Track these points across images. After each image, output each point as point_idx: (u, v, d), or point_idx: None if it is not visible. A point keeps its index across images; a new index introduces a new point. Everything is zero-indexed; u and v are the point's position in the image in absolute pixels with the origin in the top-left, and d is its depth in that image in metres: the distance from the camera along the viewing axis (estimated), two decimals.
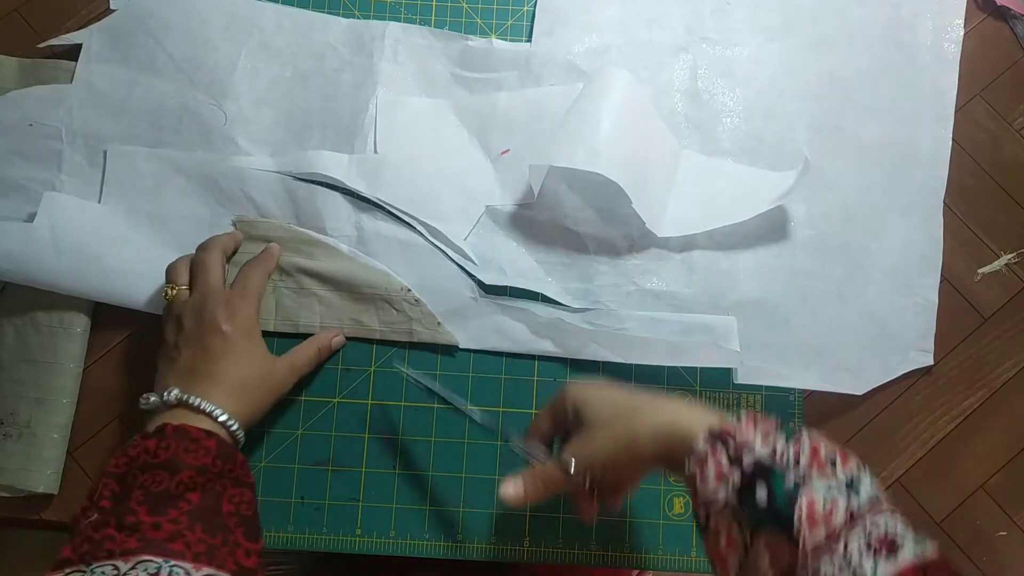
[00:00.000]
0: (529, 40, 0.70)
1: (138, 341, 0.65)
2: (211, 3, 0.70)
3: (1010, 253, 0.68)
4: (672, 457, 0.47)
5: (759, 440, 0.44)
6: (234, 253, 0.65)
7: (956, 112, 0.69)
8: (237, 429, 0.56)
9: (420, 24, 0.71)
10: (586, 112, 0.63)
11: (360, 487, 0.64)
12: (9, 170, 0.67)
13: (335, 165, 0.67)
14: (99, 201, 0.67)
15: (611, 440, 0.49)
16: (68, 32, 0.70)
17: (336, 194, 0.67)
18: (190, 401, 0.55)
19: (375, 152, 0.68)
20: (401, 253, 0.66)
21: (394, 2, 0.71)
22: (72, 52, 0.69)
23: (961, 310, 0.67)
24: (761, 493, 0.42)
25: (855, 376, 0.65)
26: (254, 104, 0.69)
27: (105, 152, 0.67)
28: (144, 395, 0.56)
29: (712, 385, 0.65)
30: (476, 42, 0.70)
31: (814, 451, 0.43)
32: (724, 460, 0.44)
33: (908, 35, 0.70)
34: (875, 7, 0.71)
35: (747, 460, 0.43)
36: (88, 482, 0.64)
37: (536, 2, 0.71)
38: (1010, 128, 0.70)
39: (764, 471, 0.43)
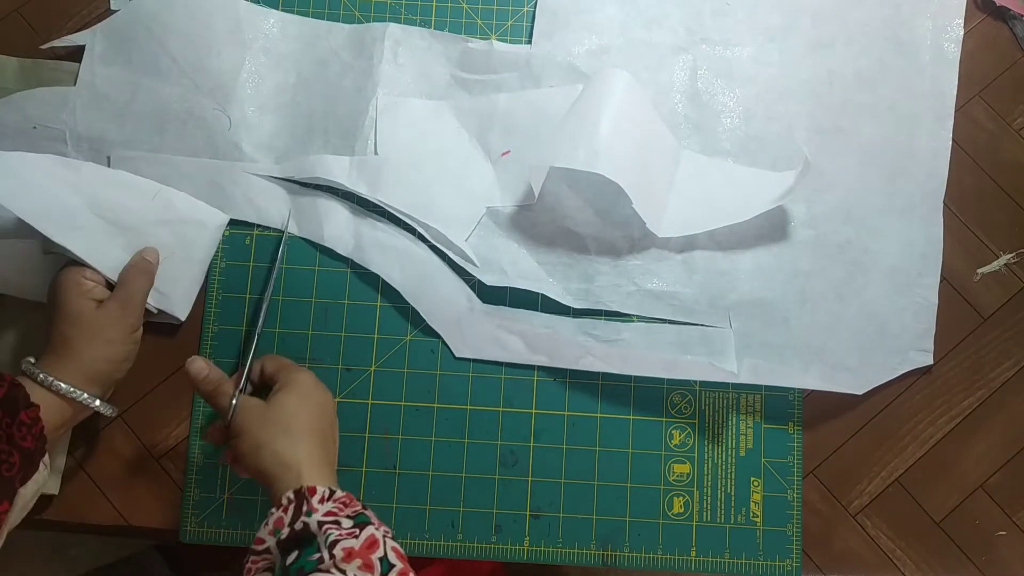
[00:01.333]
0: (529, 41, 0.70)
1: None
2: (215, 7, 0.70)
3: (1009, 253, 0.68)
4: (271, 487, 0.53)
5: (321, 512, 0.49)
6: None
7: (956, 112, 0.69)
8: (67, 389, 0.55)
9: (420, 25, 0.71)
10: (586, 113, 0.64)
11: (360, 487, 0.64)
12: None
13: (337, 168, 0.67)
14: None
15: (254, 440, 0.54)
16: (68, 32, 0.70)
17: (336, 203, 0.67)
18: (26, 369, 0.56)
19: (376, 154, 0.68)
20: (398, 262, 0.66)
21: (394, 3, 0.71)
22: (74, 53, 0.69)
23: (960, 310, 0.67)
24: (291, 558, 0.47)
25: (855, 376, 0.65)
26: (258, 110, 0.69)
27: (109, 157, 0.67)
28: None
29: (712, 385, 0.66)
30: (476, 44, 0.70)
31: (369, 545, 0.47)
32: (287, 516, 0.49)
33: (908, 35, 0.70)
34: (875, 7, 0.71)
35: (299, 524, 0.48)
36: (88, 482, 0.64)
37: (536, 3, 0.71)
38: (1010, 128, 0.70)
39: (305, 539, 0.48)
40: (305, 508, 0.49)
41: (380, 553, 0.48)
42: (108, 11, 0.71)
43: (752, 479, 0.64)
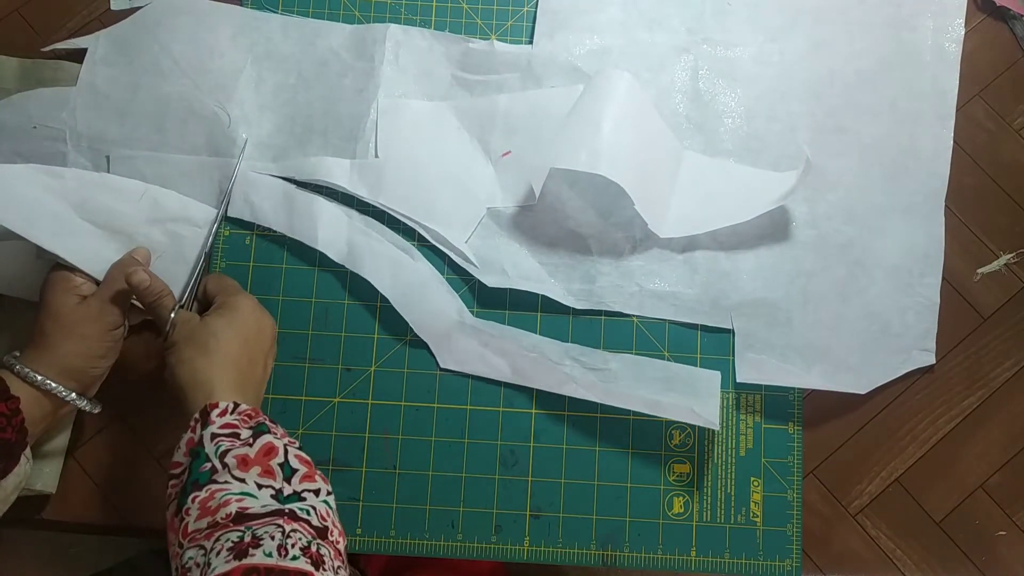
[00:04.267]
0: (529, 41, 0.70)
1: (137, 341, 0.65)
2: (220, 13, 0.70)
3: (1009, 253, 0.68)
4: (184, 406, 0.53)
5: (218, 424, 0.49)
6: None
7: (956, 112, 0.69)
8: (43, 382, 0.55)
9: (420, 25, 0.71)
10: (588, 114, 0.63)
11: (360, 487, 0.64)
12: None
13: (338, 171, 0.67)
14: None
15: (177, 355, 0.55)
16: (69, 31, 0.70)
17: (333, 208, 0.67)
18: (5, 362, 0.56)
19: (376, 156, 0.68)
20: (389, 271, 0.65)
21: (394, 3, 0.71)
22: (74, 53, 0.69)
23: (960, 310, 0.67)
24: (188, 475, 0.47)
25: (857, 375, 0.65)
26: (257, 110, 0.69)
27: (108, 157, 0.67)
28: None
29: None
30: (477, 44, 0.70)
31: (267, 452, 0.48)
32: (195, 435, 0.49)
33: (909, 35, 0.70)
34: (876, 7, 0.71)
35: (194, 436, 0.49)
36: (88, 482, 0.64)
37: (537, 3, 0.71)
38: (1010, 128, 0.70)
39: (195, 452, 0.48)
40: (206, 423, 0.49)
41: (280, 459, 0.48)
42: (108, 11, 0.71)
43: (752, 479, 0.64)
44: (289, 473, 0.47)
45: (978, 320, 0.67)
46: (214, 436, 0.49)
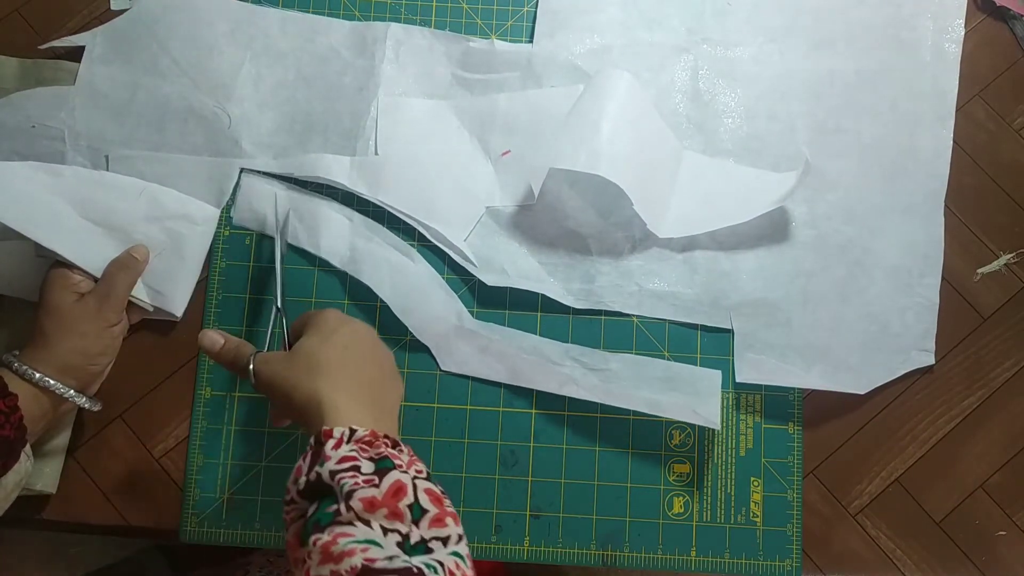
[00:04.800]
0: (530, 41, 0.70)
1: (137, 341, 0.65)
2: (216, 8, 0.70)
3: (1009, 253, 0.68)
4: (306, 425, 0.50)
5: (336, 458, 0.45)
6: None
7: (956, 112, 0.69)
8: (41, 379, 0.55)
9: (420, 25, 0.71)
10: (587, 114, 0.64)
11: None
12: None
13: (337, 168, 0.67)
14: None
15: (280, 390, 0.51)
16: (69, 31, 0.70)
17: (336, 215, 0.67)
18: (4, 359, 0.56)
19: (376, 154, 0.68)
20: (389, 277, 0.65)
21: (394, 3, 0.71)
22: (73, 53, 0.69)
23: (960, 310, 0.67)
24: (311, 509, 0.44)
25: (857, 376, 0.65)
26: (257, 107, 0.69)
27: (107, 156, 0.67)
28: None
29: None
30: (478, 43, 0.70)
31: (395, 492, 0.44)
32: (305, 464, 0.46)
33: (909, 35, 0.70)
34: (876, 7, 0.71)
35: (313, 474, 0.45)
36: (88, 482, 0.64)
37: (537, 3, 0.71)
38: (1010, 128, 0.70)
39: (324, 489, 0.45)
40: (321, 458, 0.45)
41: (408, 499, 0.44)
42: (108, 11, 0.71)
43: (752, 479, 0.64)
44: (418, 515, 0.43)
45: (978, 320, 0.67)
46: (335, 474, 0.44)
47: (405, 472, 0.45)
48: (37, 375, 0.56)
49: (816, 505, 0.65)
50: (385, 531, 0.42)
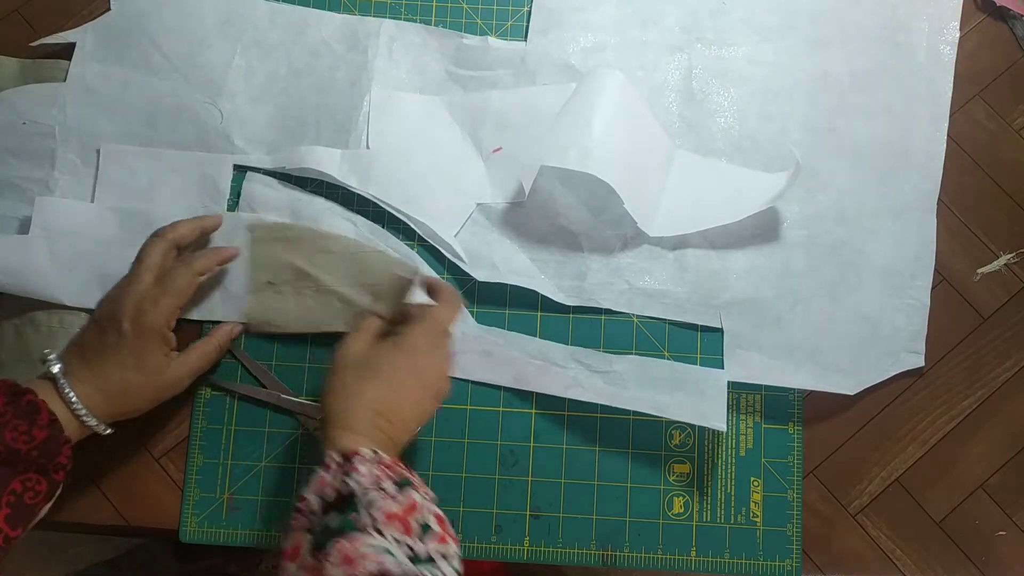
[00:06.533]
0: (526, 39, 0.70)
1: None
2: (205, 1, 0.70)
3: (1009, 253, 0.68)
4: (325, 434, 0.52)
5: (363, 473, 0.48)
6: (200, 241, 0.64)
7: (956, 112, 0.69)
8: (97, 425, 0.55)
9: (419, 23, 0.71)
10: (579, 112, 0.63)
11: None
12: (4, 170, 0.67)
13: (327, 160, 0.67)
14: (92, 200, 0.67)
15: (332, 378, 0.54)
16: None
17: (338, 219, 0.66)
18: (60, 384, 0.54)
19: (368, 148, 0.68)
20: None
21: (394, 2, 0.71)
22: (71, 51, 0.69)
23: (960, 310, 0.67)
24: (332, 519, 0.47)
25: (846, 376, 0.65)
26: (250, 102, 0.69)
27: (98, 151, 0.67)
28: (48, 350, 0.56)
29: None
30: (471, 40, 0.70)
31: (409, 508, 0.48)
32: (329, 476, 0.49)
33: (904, 37, 0.70)
34: (871, 8, 0.71)
35: (342, 485, 0.48)
36: (89, 482, 0.64)
37: (533, 1, 0.71)
38: (1009, 128, 0.70)
39: (347, 501, 0.47)
40: (348, 471, 0.48)
41: (420, 517, 0.48)
42: (108, 11, 0.71)
43: (752, 479, 0.64)
44: (424, 531, 0.47)
45: (978, 320, 0.67)
46: (361, 486, 0.48)
47: (421, 496, 0.49)
48: (102, 427, 0.56)
49: (816, 505, 0.65)
50: (397, 542, 0.46)
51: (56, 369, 0.55)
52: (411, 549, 0.46)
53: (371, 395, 0.53)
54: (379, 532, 0.46)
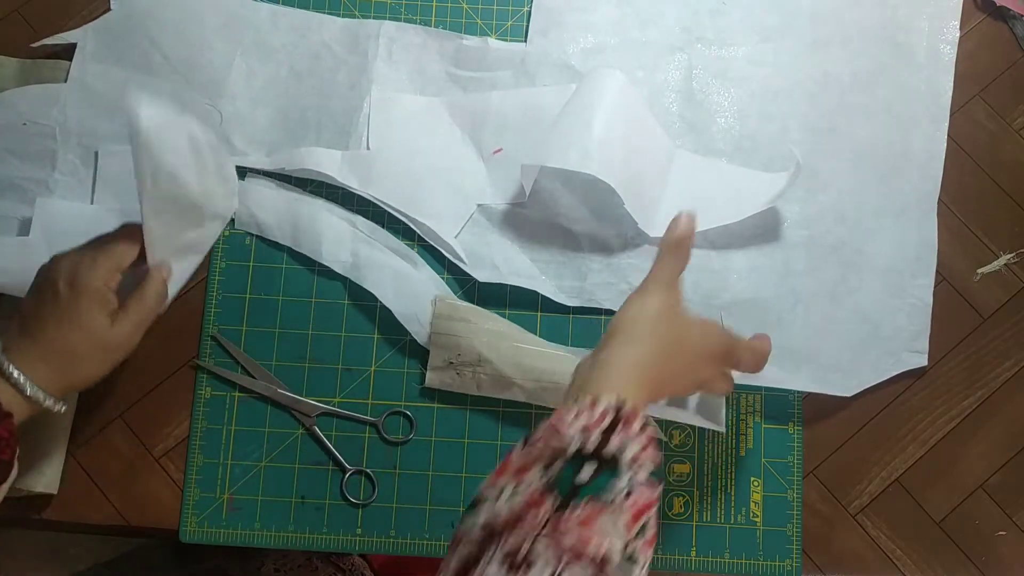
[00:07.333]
0: (526, 40, 0.70)
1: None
2: (206, 3, 0.70)
3: (1009, 253, 0.68)
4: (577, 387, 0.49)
5: (636, 444, 0.45)
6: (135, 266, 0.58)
7: (956, 112, 0.69)
8: (45, 398, 0.53)
9: (419, 24, 0.71)
10: (579, 113, 0.63)
11: (360, 487, 0.64)
12: (4, 170, 0.67)
13: (328, 161, 0.67)
14: (91, 202, 0.67)
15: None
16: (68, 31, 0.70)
17: (337, 219, 0.67)
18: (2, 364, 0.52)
19: (368, 149, 0.68)
20: (393, 283, 0.65)
21: (394, 3, 0.71)
22: (71, 51, 0.69)
23: (960, 310, 0.67)
24: (585, 473, 0.43)
25: (847, 377, 0.65)
26: (250, 104, 0.69)
27: (96, 152, 0.67)
28: None
29: None
30: (471, 41, 0.70)
31: (648, 504, 0.44)
32: (597, 421, 0.45)
33: (904, 37, 0.70)
34: (871, 9, 0.71)
35: (611, 444, 0.44)
36: (88, 482, 0.64)
37: (533, 2, 0.71)
38: (1010, 128, 0.70)
39: (606, 462, 0.44)
40: (621, 432, 0.45)
41: (648, 516, 0.44)
42: (108, 11, 0.71)
43: (752, 479, 0.64)
44: (640, 533, 0.44)
45: (978, 320, 0.67)
46: (633, 462, 0.44)
47: (657, 493, 0.45)
48: (51, 401, 0.53)
49: (816, 505, 0.65)
50: (624, 533, 0.43)
51: None
52: (625, 544, 0.42)
53: (632, 354, 0.49)
54: (617, 515, 0.42)
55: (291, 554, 0.76)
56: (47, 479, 0.62)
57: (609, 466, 0.44)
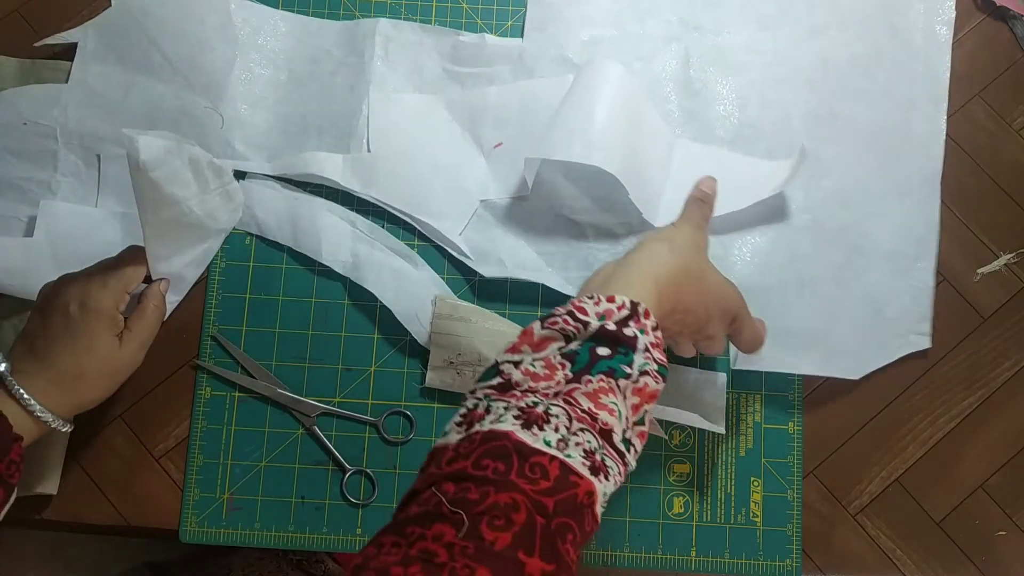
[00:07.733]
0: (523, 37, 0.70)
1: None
2: (207, 3, 0.70)
3: (1009, 253, 0.68)
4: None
5: (651, 336, 0.47)
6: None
7: (956, 113, 0.69)
8: (54, 420, 0.54)
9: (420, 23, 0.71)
10: (580, 104, 0.63)
11: (360, 487, 0.64)
12: (4, 169, 0.67)
13: (330, 166, 0.67)
14: (95, 205, 0.67)
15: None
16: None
17: (336, 219, 0.67)
18: (8, 382, 0.53)
19: (369, 151, 0.68)
20: (393, 283, 0.65)
21: (394, 3, 0.71)
22: (71, 52, 0.69)
23: (960, 310, 0.67)
24: (604, 350, 0.45)
25: (853, 359, 0.64)
26: (251, 108, 0.69)
27: (99, 156, 0.67)
28: None
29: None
30: (468, 37, 0.70)
31: (651, 396, 0.46)
32: (615, 312, 0.47)
33: (900, 19, 0.70)
34: None
35: (628, 330, 0.46)
36: (88, 482, 0.64)
37: None
38: (1010, 128, 0.70)
39: (622, 343, 0.46)
40: (635, 324, 0.47)
41: (649, 407, 0.46)
42: (109, 8, 0.71)
43: (752, 479, 0.64)
44: (639, 422, 0.46)
45: (978, 320, 0.67)
46: (646, 347, 0.46)
47: (662, 385, 0.47)
48: (58, 423, 0.54)
49: (816, 505, 0.65)
50: (625, 411, 0.45)
51: (2, 367, 0.54)
52: (625, 427, 0.45)
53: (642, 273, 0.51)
54: (623, 397, 0.45)
55: (258, 565, 0.76)
56: (47, 479, 0.62)
57: (622, 351, 0.46)
